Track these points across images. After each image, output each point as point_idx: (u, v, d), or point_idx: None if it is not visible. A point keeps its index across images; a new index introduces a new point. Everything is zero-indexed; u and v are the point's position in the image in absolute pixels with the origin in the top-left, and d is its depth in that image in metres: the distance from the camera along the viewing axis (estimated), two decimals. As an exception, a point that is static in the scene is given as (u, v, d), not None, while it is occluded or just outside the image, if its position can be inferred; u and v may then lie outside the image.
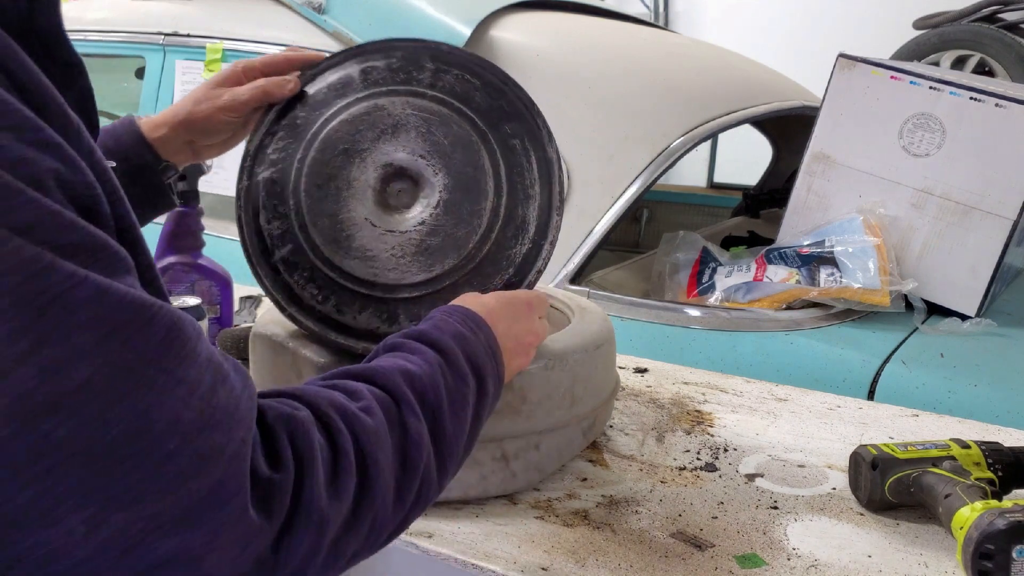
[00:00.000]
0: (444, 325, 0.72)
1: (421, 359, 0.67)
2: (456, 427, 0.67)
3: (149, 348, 0.47)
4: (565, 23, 2.18)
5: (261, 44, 2.20)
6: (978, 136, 1.61)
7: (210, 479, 0.48)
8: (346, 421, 0.58)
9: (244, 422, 0.52)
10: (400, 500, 0.61)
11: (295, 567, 0.54)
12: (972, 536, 0.77)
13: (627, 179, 1.73)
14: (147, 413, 0.46)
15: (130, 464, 0.46)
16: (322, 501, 0.54)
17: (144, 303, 0.48)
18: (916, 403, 1.30)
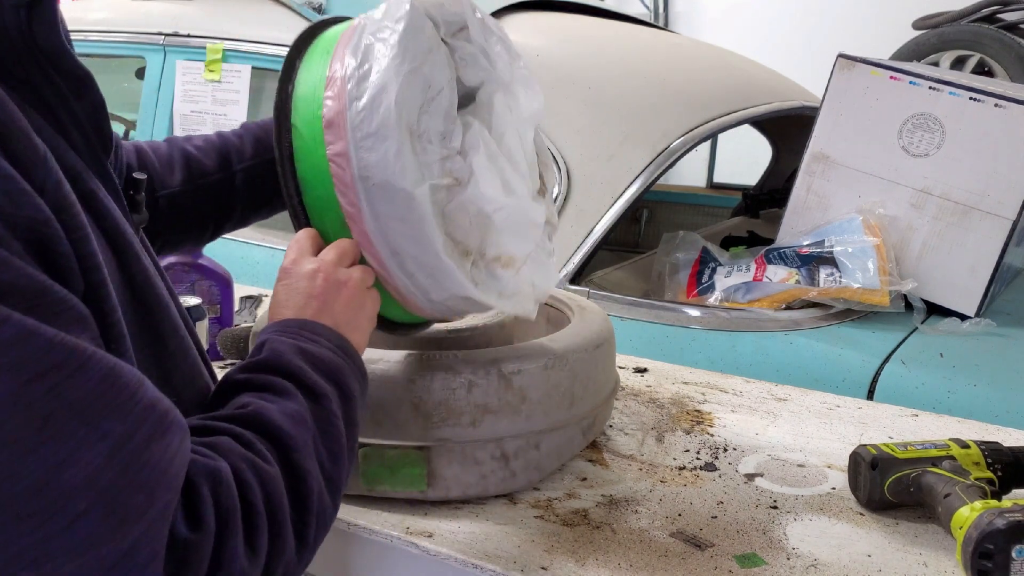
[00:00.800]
0: (282, 347, 0.68)
1: (276, 394, 0.64)
2: (331, 446, 0.64)
3: (76, 397, 0.45)
4: (565, 23, 2.18)
5: (261, 44, 2.20)
6: (977, 136, 1.61)
7: (123, 544, 0.46)
8: (256, 474, 0.56)
9: (172, 485, 0.49)
10: (302, 541, 0.60)
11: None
12: (971, 536, 0.77)
13: (627, 179, 1.73)
14: (60, 468, 0.44)
15: (36, 521, 0.43)
16: (242, 563, 0.52)
17: (75, 348, 0.45)
18: (916, 403, 1.30)
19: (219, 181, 0.98)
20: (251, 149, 1.00)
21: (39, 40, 0.56)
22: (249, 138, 1.00)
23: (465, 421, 0.90)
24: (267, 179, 0.99)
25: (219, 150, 0.99)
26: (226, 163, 0.99)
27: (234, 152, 0.99)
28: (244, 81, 2.22)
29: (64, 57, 0.58)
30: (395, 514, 0.90)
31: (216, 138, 1.01)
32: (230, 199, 1.00)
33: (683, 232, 1.91)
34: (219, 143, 1.00)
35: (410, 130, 0.74)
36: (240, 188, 0.99)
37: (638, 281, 1.88)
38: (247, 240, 2.08)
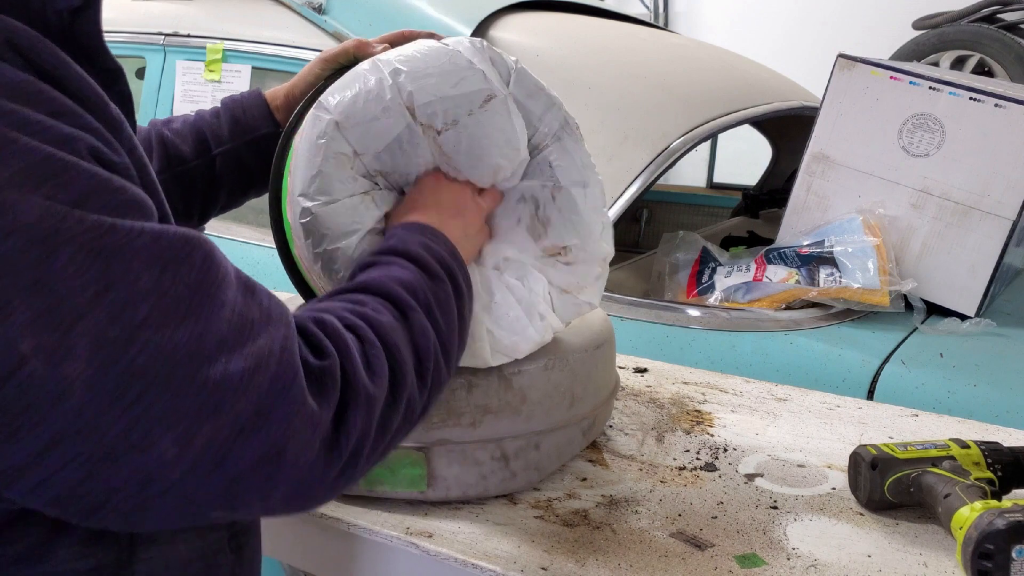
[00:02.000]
0: (409, 238, 0.76)
1: (400, 268, 0.72)
2: (447, 321, 0.72)
3: (194, 279, 0.53)
4: (565, 23, 2.18)
5: (261, 44, 2.20)
6: (977, 136, 1.61)
7: (267, 373, 0.54)
8: (363, 319, 0.65)
9: (281, 321, 0.58)
10: (422, 380, 0.68)
11: (354, 445, 0.60)
12: (972, 536, 0.77)
13: (627, 179, 1.73)
14: (201, 335, 0.52)
15: (200, 380, 0.52)
16: (366, 382, 0.61)
17: (187, 238, 0.54)
18: (915, 403, 1.30)
19: (197, 167, 0.98)
20: (228, 131, 0.99)
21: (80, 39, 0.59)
22: (226, 118, 1.00)
23: (465, 421, 0.90)
24: (247, 161, 0.99)
25: (196, 134, 0.99)
26: (204, 148, 0.98)
27: (211, 136, 0.99)
28: (244, 81, 2.22)
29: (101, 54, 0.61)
30: (395, 514, 0.90)
31: (195, 119, 1.00)
32: (212, 184, 0.99)
33: (683, 232, 1.91)
34: (197, 126, 0.99)
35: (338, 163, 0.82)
36: (220, 173, 0.99)
37: (638, 281, 1.88)
38: (247, 240, 2.08)
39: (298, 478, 0.56)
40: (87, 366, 0.48)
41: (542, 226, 0.90)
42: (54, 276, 0.48)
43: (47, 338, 0.48)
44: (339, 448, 0.59)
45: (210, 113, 1.00)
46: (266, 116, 0.99)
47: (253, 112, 0.99)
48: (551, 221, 0.90)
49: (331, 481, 0.59)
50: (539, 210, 0.90)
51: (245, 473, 0.54)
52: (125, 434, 0.50)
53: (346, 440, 0.59)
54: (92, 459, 0.50)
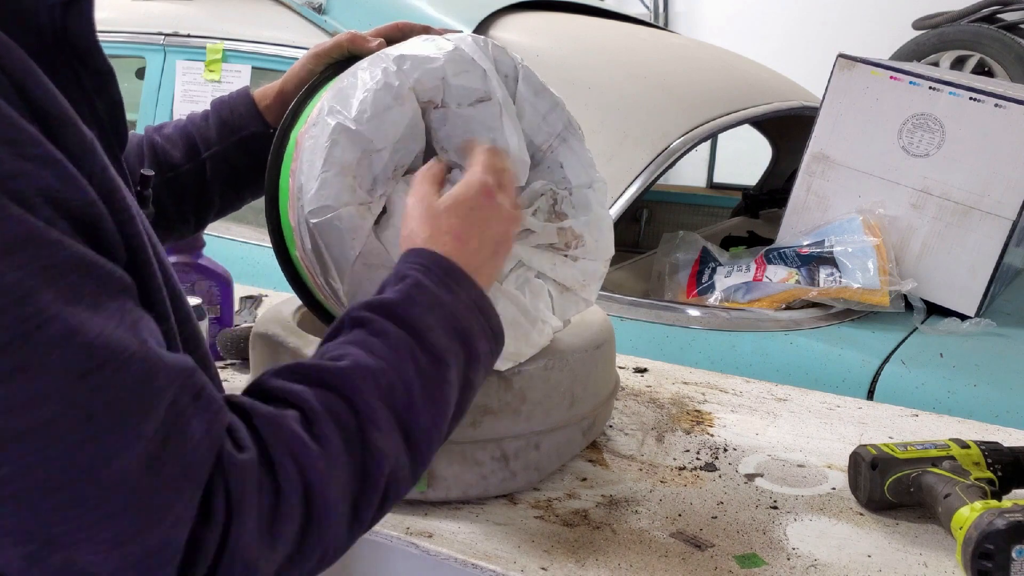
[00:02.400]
0: (418, 295, 0.64)
1: (388, 348, 0.61)
2: (433, 411, 0.62)
3: (116, 396, 0.46)
4: (565, 23, 2.18)
5: (261, 44, 2.20)
6: (977, 136, 1.61)
7: (146, 543, 0.47)
8: (297, 461, 0.54)
9: (194, 481, 0.49)
10: (357, 519, 0.58)
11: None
12: (972, 536, 0.77)
13: (627, 179, 1.73)
14: (98, 467, 0.45)
15: (74, 513, 0.45)
16: (250, 551, 0.51)
17: (116, 348, 0.47)
18: (915, 403, 1.30)
19: (189, 172, 0.95)
20: (216, 133, 0.96)
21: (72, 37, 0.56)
22: (214, 120, 0.97)
23: (465, 422, 0.89)
24: (236, 162, 0.96)
25: (186, 138, 0.96)
26: (194, 152, 0.96)
27: (200, 139, 0.96)
28: (244, 81, 2.22)
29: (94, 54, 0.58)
30: (395, 514, 0.90)
31: (185, 123, 0.98)
32: (204, 188, 0.97)
33: (683, 232, 1.91)
34: (186, 130, 0.97)
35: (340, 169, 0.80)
36: (212, 176, 0.96)
37: (638, 281, 1.88)
38: (247, 240, 2.08)
39: None
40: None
41: (558, 218, 0.92)
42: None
43: None
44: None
45: (200, 116, 0.98)
46: (254, 115, 0.96)
47: (240, 111, 0.97)
48: (567, 216, 0.92)
49: None
50: (556, 205, 0.91)
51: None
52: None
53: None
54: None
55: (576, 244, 0.92)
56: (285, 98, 0.95)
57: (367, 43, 0.92)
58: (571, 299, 0.94)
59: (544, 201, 0.91)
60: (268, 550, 0.52)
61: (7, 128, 0.46)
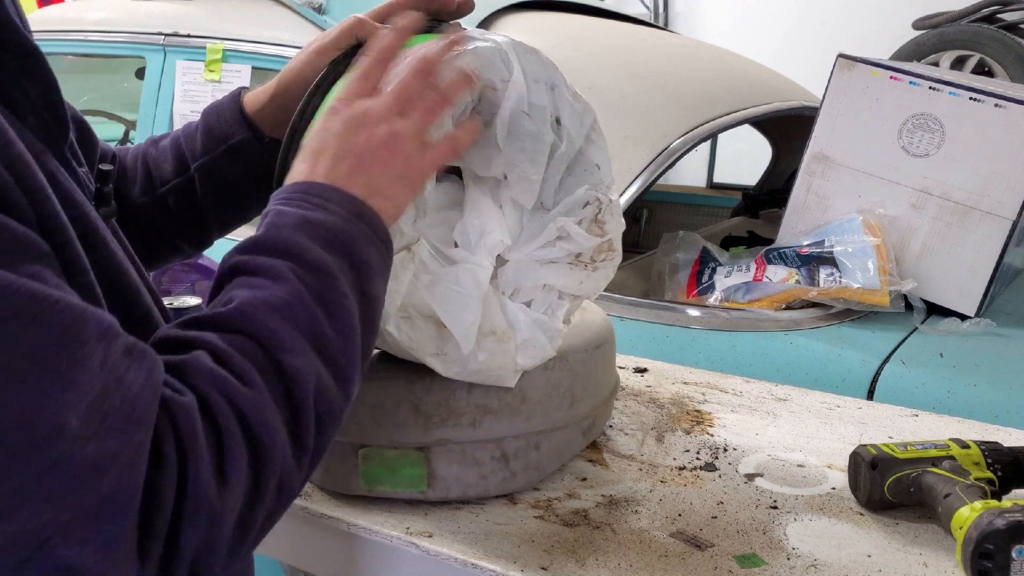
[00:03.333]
0: (281, 219, 0.62)
1: (270, 279, 0.59)
2: (340, 327, 0.60)
3: (40, 346, 0.44)
4: (565, 23, 2.18)
5: (261, 44, 2.20)
6: (977, 136, 1.61)
7: (101, 489, 0.45)
8: (223, 394, 0.53)
9: (142, 424, 0.48)
10: (299, 446, 0.57)
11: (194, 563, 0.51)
12: (971, 536, 0.77)
13: (627, 179, 1.73)
14: (31, 417, 0.43)
15: (8, 471, 0.43)
16: (210, 492, 0.50)
17: (38, 295, 0.45)
18: (915, 403, 1.30)
19: (179, 186, 0.88)
20: (202, 143, 0.88)
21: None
22: (202, 128, 0.89)
23: (465, 422, 0.90)
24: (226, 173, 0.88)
25: (176, 150, 0.89)
26: (183, 165, 0.88)
27: (188, 150, 0.88)
28: (244, 81, 2.22)
29: (10, 30, 0.55)
30: (395, 515, 0.90)
31: (178, 134, 0.90)
32: (196, 204, 0.89)
33: (683, 232, 1.91)
34: (176, 141, 0.89)
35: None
36: (202, 190, 0.88)
37: (638, 281, 1.88)
38: (247, 240, 2.08)
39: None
40: None
41: (599, 226, 0.89)
42: None
43: None
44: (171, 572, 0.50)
45: (192, 126, 0.90)
46: (240, 121, 0.87)
47: (226, 118, 0.88)
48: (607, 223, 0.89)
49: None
50: (600, 213, 0.88)
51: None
52: None
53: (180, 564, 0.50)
54: None
55: (608, 257, 0.89)
56: (282, 101, 0.86)
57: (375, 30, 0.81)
58: (579, 302, 0.94)
59: (590, 210, 0.87)
60: (225, 490, 0.51)
61: None
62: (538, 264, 0.89)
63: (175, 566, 0.50)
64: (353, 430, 0.89)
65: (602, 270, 0.92)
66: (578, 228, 0.87)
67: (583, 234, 0.88)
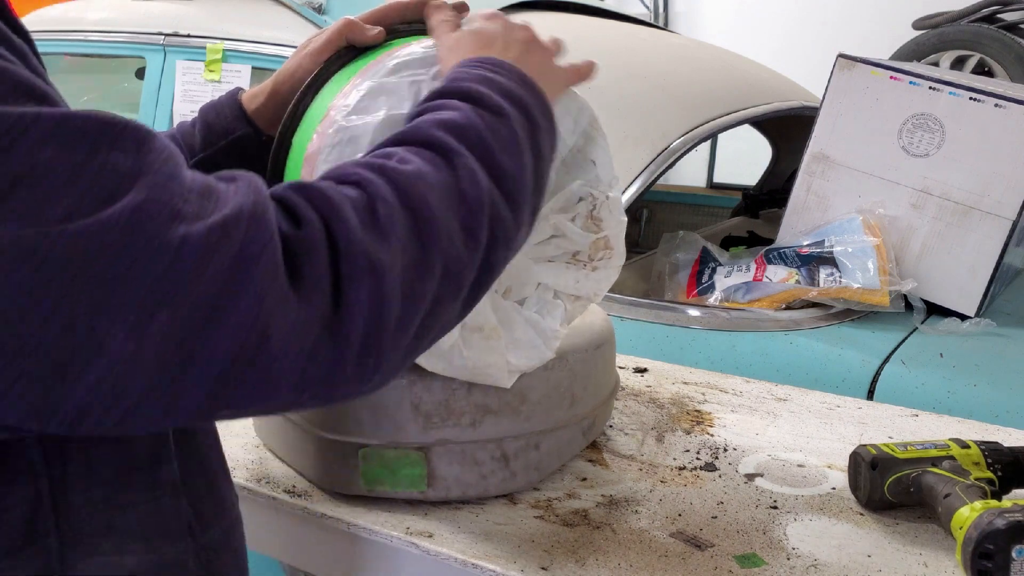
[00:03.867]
0: (461, 75, 0.65)
1: (448, 110, 0.61)
2: (513, 161, 0.61)
3: (128, 157, 0.45)
4: (565, 23, 2.18)
5: (261, 44, 2.20)
6: (977, 136, 1.61)
7: (230, 249, 0.46)
8: (377, 171, 0.55)
9: (250, 190, 0.49)
10: (472, 238, 0.57)
11: (365, 325, 0.51)
12: (972, 536, 0.77)
13: (627, 179, 1.73)
14: (141, 207, 0.44)
15: (143, 262, 0.44)
16: (364, 244, 0.51)
17: (107, 120, 0.46)
18: (915, 403, 1.30)
19: None
20: (201, 139, 0.90)
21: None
22: (200, 124, 0.91)
23: (465, 421, 0.90)
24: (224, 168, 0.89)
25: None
26: None
27: (186, 146, 0.90)
28: (244, 81, 2.22)
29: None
30: (395, 514, 0.90)
31: (175, 132, 0.92)
32: None
33: (683, 232, 1.91)
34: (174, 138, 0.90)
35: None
36: None
37: (638, 281, 1.88)
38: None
39: (300, 369, 0.49)
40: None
41: (594, 222, 0.89)
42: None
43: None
44: (342, 331, 0.50)
45: (189, 123, 0.92)
46: (239, 117, 0.89)
47: (226, 114, 0.90)
48: (603, 221, 0.89)
49: (351, 370, 0.51)
50: (595, 210, 0.88)
51: (228, 369, 0.46)
52: (63, 339, 0.43)
53: (350, 319, 0.50)
54: (40, 375, 0.43)
55: (606, 256, 0.90)
56: (278, 99, 0.88)
57: (365, 32, 0.85)
58: (581, 304, 0.93)
59: (584, 206, 0.88)
60: (384, 244, 0.52)
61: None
62: (532, 262, 0.89)
63: (349, 324, 0.50)
64: (353, 430, 0.89)
65: (602, 271, 0.91)
66: (572, 225, 0.87)
67: (577, 231, 0.87)
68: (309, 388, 0.49)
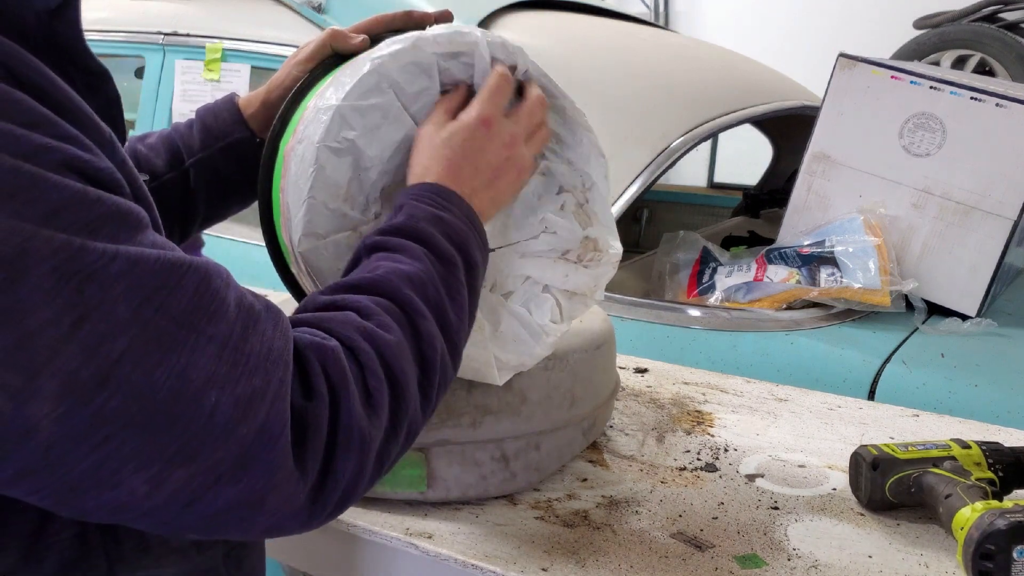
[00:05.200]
0: (417, 212, 0.70)
1: (409, 256, 0.67)
2: (457, 311, 0.68)
3: (180, 310, 0.50)
4: (565, 23, 2.18)
5: (261, 44, 2.20)
6: (978, 136, 1.61)
7: (255, 422, 0.51)
8: (369, 341, 0.60)
9: (279, 362, 0.54)
10: (426, 398, 0.64)
11: (344, 489, 0.56)
12: (973, 536, 0.77)
13: (627, 179, 1.73)
14: (184, 374, 0.49)
15: (181, 423, 0.49)
16: (362, 421, 0.56)
17: (173, 264, 0.50)
18: (916, 403, 1.30)
19: (172, 180, 0.93)
20: (200, 140, 0.94)
21: (61, 41, 0.57)
22: (199, 126, 0.95)
23: (465, 422, 0.89)
24: (221, 169, 0.94)
25: (169, 146, 0.94)
26: (177, 160, 0.93)
27: (183, 146, 0.94)
28: (243, 81, 2.22)
29: (84, 56, 0.59)
30: (395, 515, 0.90)
31: (169, 132, 0.96)
32: (187, 197, 0.94)
33: (683, 232, 1.91)
34: (170, 138, 0.95)
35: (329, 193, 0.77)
36: (196, 184, 0.94)
37: (638, 281, 1.87)
38: (247, 240, 2.08)
39: (278, 523, 0.55)
40: (56, 406, 0.46)
41: (585, 215, 0.89)
42: (21, 304, 0.44)
43: (13, 377, 0.45)
44: (325, 495, 0.56)
45: (185, 125, 0.97)
46: (238, 121, 0.94)
47: (224, 117, 0.95)
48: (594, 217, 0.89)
49: (318, 519, 0.57)
50: (586, 204, 0.89)
51: (220, 514, 0.52)
52: (93, 471, 0.48)
53: (334, 486, 0.56)
54: (60, 491, 0.48)
55: (595, 258, 0.90)
56: (269, 106, 0.93)
57: (349, 40, 0.89)
58: (579, 302, 0.92)
59: (570, 199, 0.88)
60: (374, 420, 0.58)
61: (27, 113, 0.48)
62: (518, 256, 0.88)
63: (330, 492, 0.56)
64: (353, 430, 0.89)
65: (593, 268, 0.91)
66: (559, 218, 0.87)
67: (565, 224, 0.88)
68: (276, 532, 0.56)
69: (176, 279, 0.50)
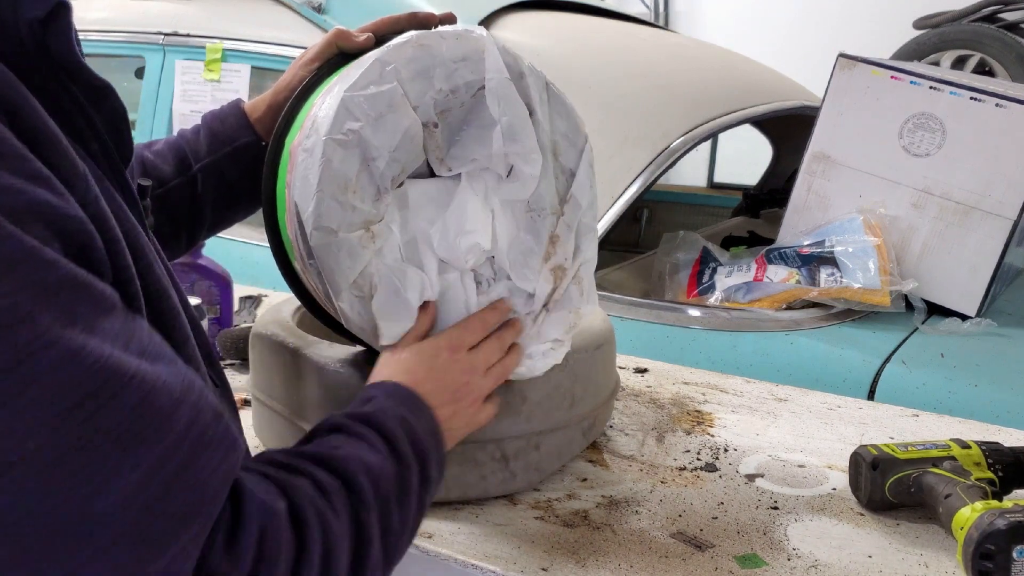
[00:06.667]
0: (388, 407, 0.70)
1: (370, 447, 0.65)
2: (401, 518, 0.66)
3: (111, 424, 0.44)
4: (565, 23, 2.18)
5: (261, 44, 2.20)
6: (978, 136, 1.61)
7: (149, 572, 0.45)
8: (321, 526, 0.57)
9: (207, 509, 0.48)
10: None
11: None
12: (972, 536, 0.77)
13: (627, 179, 1.73)
14: (91, 498, 0.43)
15: (65, 550, 0.43)
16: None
17: (115, 371, 0.45)
18: (916, 403, 1.30)
19: (179, 186, 0.93)
20: (206, 146, 0.94)
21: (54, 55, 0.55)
22: (205, 132, 0.95)
23: (465, 422, 0.89)
24: (228, 174, 0.94)
25: (176, 152, 0.94)
26: (184, 165, 0.93)
27: (190, 152, 0.94)
28: (243, 81, 2.22)
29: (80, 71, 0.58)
30: (395, 515, 0.90)
31: (175, 139, 0.96)
32: (196, 202, 0.94)
33: (683, 232, 1.91)
34: (177, 144, 0.95)
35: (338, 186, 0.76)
36: (203, 189, 0.94)
37: (638, 281, 1.87)
38: (247, 240, 2.08)
39: None
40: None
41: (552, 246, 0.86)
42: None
43: None
44: None
45: (191, 130, 0.96)
46: (244, 126, 0.94)
47: (230, 122, 0.94)
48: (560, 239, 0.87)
49: None
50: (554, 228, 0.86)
51: None
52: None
53: None
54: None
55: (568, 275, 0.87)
56: (276, 109, 0.92)
57: (354, 39, 0.89)
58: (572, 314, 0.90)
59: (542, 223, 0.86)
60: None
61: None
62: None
63: None
64: (353, 430, 0.89)
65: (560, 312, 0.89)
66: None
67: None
68: None
69: (114, 389, 0.44)
